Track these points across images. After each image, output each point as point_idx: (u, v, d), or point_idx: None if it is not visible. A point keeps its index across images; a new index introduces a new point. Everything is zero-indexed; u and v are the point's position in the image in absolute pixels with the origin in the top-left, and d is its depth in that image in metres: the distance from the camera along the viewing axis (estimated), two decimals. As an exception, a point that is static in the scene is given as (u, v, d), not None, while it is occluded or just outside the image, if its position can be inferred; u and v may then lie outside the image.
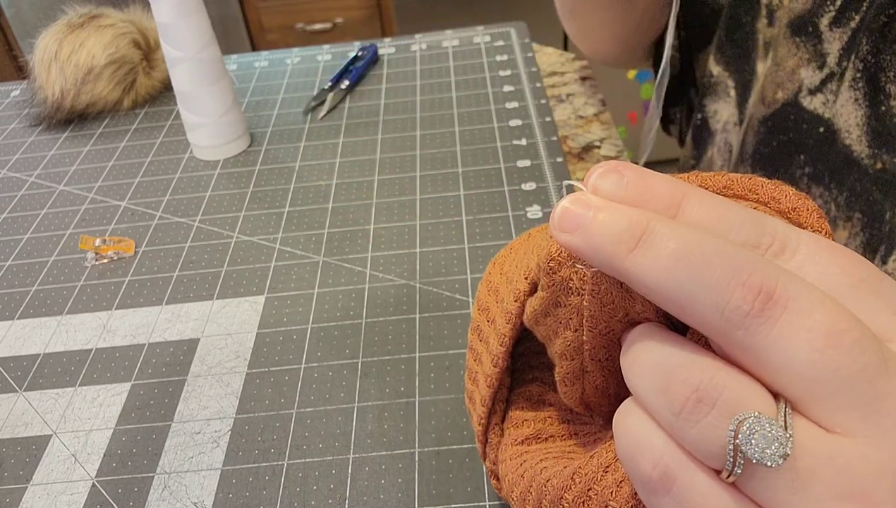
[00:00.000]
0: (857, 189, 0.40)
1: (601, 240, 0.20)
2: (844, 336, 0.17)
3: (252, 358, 0.44)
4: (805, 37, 0.42)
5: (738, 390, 0.18)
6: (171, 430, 0.41)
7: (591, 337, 0.23)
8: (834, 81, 0.41)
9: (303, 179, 0.60)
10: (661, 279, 0.19)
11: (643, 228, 0.19)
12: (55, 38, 0.69)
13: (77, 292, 0.51)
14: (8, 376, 0.45)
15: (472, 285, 0.48)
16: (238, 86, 0.76)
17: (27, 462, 0.40)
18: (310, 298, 0.48)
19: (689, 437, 0.18)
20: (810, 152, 0.43)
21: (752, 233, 0.20)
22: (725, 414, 0.18)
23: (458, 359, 0.43)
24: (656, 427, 0.19)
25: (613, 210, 0.20)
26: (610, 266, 0.20)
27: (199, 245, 0.54)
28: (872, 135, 0.38)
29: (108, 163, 0.65)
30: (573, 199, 0.20)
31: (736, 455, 0.17)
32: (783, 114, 0.44)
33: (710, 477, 0.18)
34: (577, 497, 0.23)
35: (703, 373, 0.18)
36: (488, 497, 0.36)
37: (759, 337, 0.18)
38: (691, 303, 0.18)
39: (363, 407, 0.41)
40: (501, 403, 0.31)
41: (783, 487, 0.17)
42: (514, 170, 0.58)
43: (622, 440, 0.20)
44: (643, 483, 0.19)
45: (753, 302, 0.18)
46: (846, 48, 0.40)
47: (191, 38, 0.58)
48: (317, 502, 0.36)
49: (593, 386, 0.25)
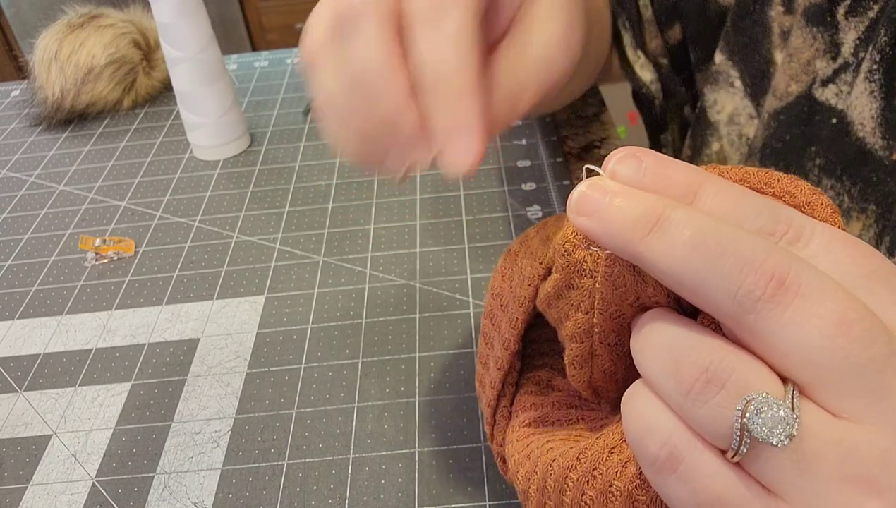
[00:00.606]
0: (871, 180, 0.40)
1: (617, 225, 0.20)
2: (855, 325, 0.17)
3: (252, 358, 0.44)
4: (823, 27, 0.41)
5: (748, 372, 0.18)
6: (171, 430, 0.41)
7: (601, 319, 0.23)
8: (849, 72, 0.40)
9: (303, 179, 0.60)
10: (675, 264, 0.19)
11: (659, 214, 0.19)
12: (55, 38, 0.69)
13: (77, 292, 0.51)
14: (8, 376, 0.45)
15: (472, 285, 0.48)
16: (238, 86, 0.76)
17: (27, 462, 0.40)
18: (310, 298, 0.48)
19: (697, 417, 0.18)
20: (822, 144, 0.42)
21: (768, 222, 0.20)
22: (734, 394, 0.18)
23: (458, 359, 0.43)
24: (665, 408, 0.19)
25: (630, 195, 0.20)
26: (625, 250, 0.20)
27: (199, 245, 0.54)
28: (887, 127, 0.38)
29: (108, 163, 0.65)
30: (590, 184, 0.21)
31: (743, 434, 0.18)
32: (797, 107, 0.44)
33: (717, 457, 0.19)
34: (582, 477, 0.23)
35: (713, 355, 0.18)
36: (488, 497, 0.36)
37: (770, 322, 0.18)
38: (704, 289, 0.18)
39: (363, 407, 0.41)
40: (511, 387, 0.32)
41: (788, 468, 0.17)
42: (514, 170, 0.58)
43: (630, 420, 0.20)
44: (650, 462, 0.19)
45: (766, 287, 0.18)
46: (863, 39, 0.39)
47: (191, 38, 0.58)
48: (317, 502, 0.36)
49: (601, 370, 0.25)
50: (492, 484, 0.36)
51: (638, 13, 0.55)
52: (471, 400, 0.40)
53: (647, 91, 0.57)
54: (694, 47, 0.55)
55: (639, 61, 0.56)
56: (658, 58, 0.56)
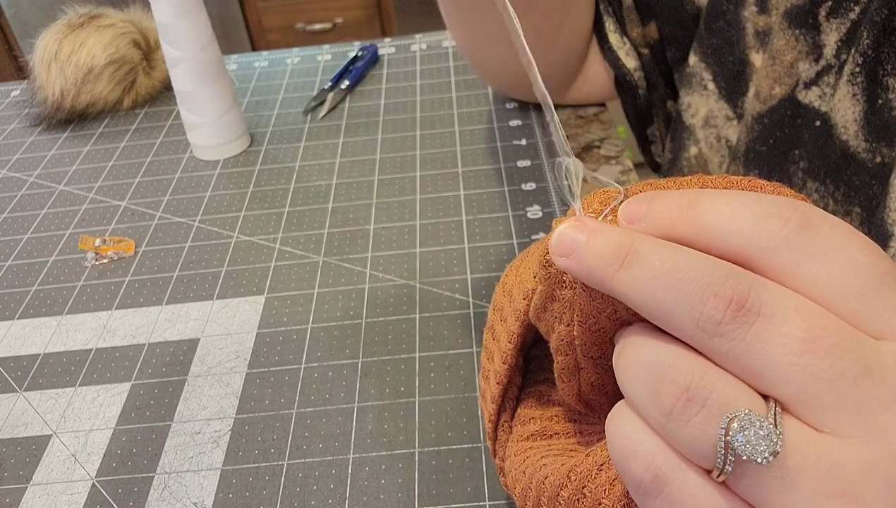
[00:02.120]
0: (855, 183, 0.39)
1: (591, 263, 0.21)
2: (820, 341, 0.17)
3: (252, 358, 0.44)
4: (805, 28, 0.41)
5: (728, 389, 0.18)
6: (171, 430, 0.41)
7: (581, 331, 0.23)
8: (831, 74, 0.40)
9: (303, 179, 0.60)
10: (641, 295, 0.19)
11: (627, 249, 0.20)
12: (55, 38, 0.69)
13: (77, 292, 0.51)
14: (8, 376, 0.45)
15: (472, 285, 0.48)
16: (238, 86, 0.76)
17: (27, 462, 0.40)
18: (310, 298, 0.48)
19: (680, 437, 0.18)
20: (806, 147, 0.42)
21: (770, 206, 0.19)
22: (716, 412, 0.18)
23: (458, 359, 0.43)
24: (647, 429, 0.19)
25: (602, 233, 0.21)
26: (602, 286, 0.21)
27: (199, 245, 0.54)
28: (870, 130, 0.38)
29: (108, 163, 0.65)
30: (570, 224, 0.22)
31: (727, 453, 0.18)
32: (780, 110, 0.44)
33: (702, 477, 0.18)
34: (573, 495, 0.24)
35: (693, 373, 0.18)
36: (488, 497, 0.36)
37: (735, 343, 0.18)
38: (670, 317, 0.19)
39: (363, 407, 0.41)
40: (512, 401, 0.32)
41: (774, 485, 0.17)
42: (514, 170, 0.58)
43: (614, 442, 0.20)
44: (635, 485, 0.19)
45: (725, 311, 0.18)
46: (845, 40, 0.39)
47: (191, 38, 0.58)
48: (317, 502, 0.36)
49: (589, 383, 0.25)
50: (492, 484, 0.36)
51: (619, 1, 0.55)
52: (471, 400, 0.40)
53: (632, 78, 0.56)
54: (670, 47, 0.54)
55: (624, 48, 0.56)
56: (640, 47, 0.56)
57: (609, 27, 0.55)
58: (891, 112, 0.37)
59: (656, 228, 0.21)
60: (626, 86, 0.58)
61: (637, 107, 0.59)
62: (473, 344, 0.44)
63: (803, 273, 0.19)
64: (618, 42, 0.56)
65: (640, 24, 0.55)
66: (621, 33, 0.55)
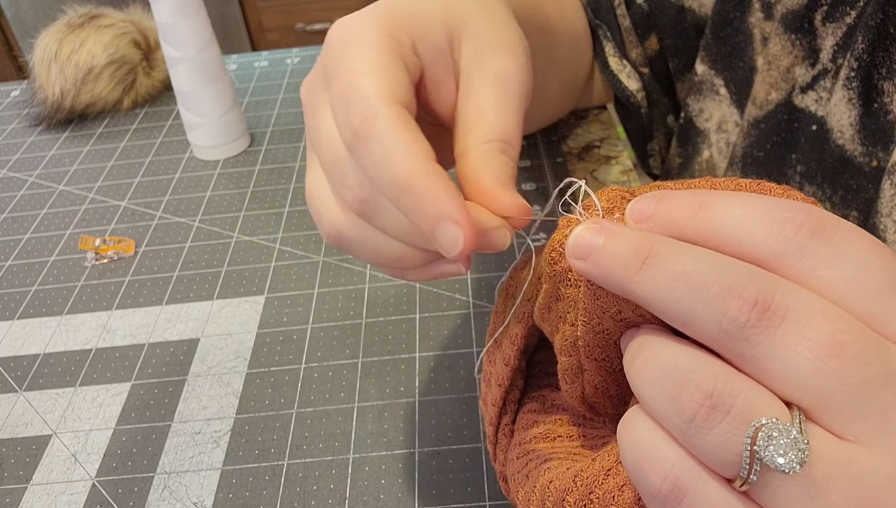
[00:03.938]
0: (852, 187, 0.39)
1: (609, 266, 0.20)
2: (847, 346, 0.17)
3: (252, 358, 0.44)
4: (801, 33, 0.41)
5: (753, 396, 0.17)
6: (171, 430, 0.41)
7: (584, 331, 0.23)
8: (827, 78, 0.40)
9: (303, 179, 0.60)
10: (663, 298, 0.19)
11: (647, 251, 0.19)
12: (55, 38, 0.69)
13: (77, 292, 0.51)
14: (8, 376, 0.45)
15: (472, 285, 0.48)
16: (238, 86, 0.76)
17: (27, 462, 0.40)
18: (310, 298, 0.48)
19: (702, 445, 0.18)
20: (803, 151, 0.42)
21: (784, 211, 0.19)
22: (741, 420, 0.17)
23: (458, 359, 0.43)
24: (665, 436, 0.19)
25: (620, 235, 0.20)
26: (621, 289, 0.20)
27: (199, 245, 0.54)
28: (866, 134, 0.38)
29: (108, 163, 0.65)
30: (587, 227, 0.21)
31: (752, 463, 0.17)
32: (777, 115, 0.44)
33: (723, 487, 0.18)
34: (579, 501, 0.23)
35: (717, 379, 0.18)
36: (488, 497, 0.36)
37: (760, 347, 0.17)
38: (692, 319, 0.18)
39: (363, 407, 0.41)
40: (513, 405, 0.31)
41: (798, 495, 0.17)
42: (514, 170, 0.58)
43: (629, 450, 0.19)
44: (652, 494, 0.19)
45: (750, 313, 0.17)
46: (841, 45, 0.39)
47: (191, 38, 0.58)
48: (317, 502, 0.36)
49: (592, 386, 0.25)
50: (492, 484, 0.36)
51: (617, 24, 0.55)
52: (471, 400, 0.40)
53: (635, 100, 0.57)
54: (672, 58, 0.54)
55: (624, 70, 0.56)
56: (639, 67, 0.56)
57: (608, 52, 0.56)
58: (886, 116, 0.37)
59: (665, 228, 0.20)
60: (629, 107, 0.58)
61: (639, 125, 0.59)
62: (473, 344, 0.44)
63: (818, 277, 0.18)
64: (618, 65, 0.56)
65: (639, 43, 0.55)
66: (620, 56, 0.56)
